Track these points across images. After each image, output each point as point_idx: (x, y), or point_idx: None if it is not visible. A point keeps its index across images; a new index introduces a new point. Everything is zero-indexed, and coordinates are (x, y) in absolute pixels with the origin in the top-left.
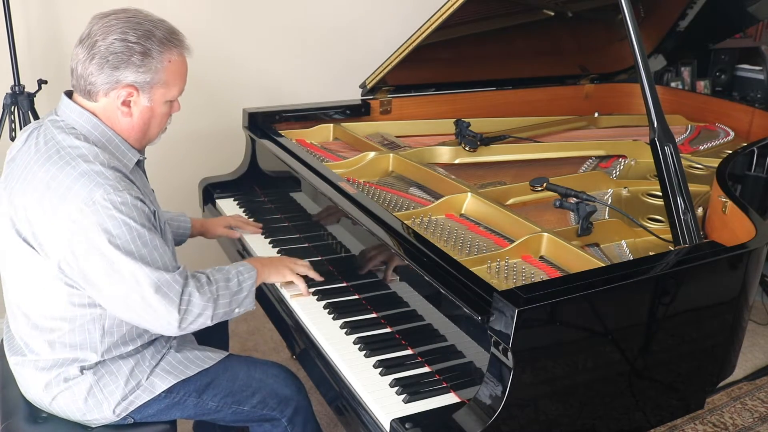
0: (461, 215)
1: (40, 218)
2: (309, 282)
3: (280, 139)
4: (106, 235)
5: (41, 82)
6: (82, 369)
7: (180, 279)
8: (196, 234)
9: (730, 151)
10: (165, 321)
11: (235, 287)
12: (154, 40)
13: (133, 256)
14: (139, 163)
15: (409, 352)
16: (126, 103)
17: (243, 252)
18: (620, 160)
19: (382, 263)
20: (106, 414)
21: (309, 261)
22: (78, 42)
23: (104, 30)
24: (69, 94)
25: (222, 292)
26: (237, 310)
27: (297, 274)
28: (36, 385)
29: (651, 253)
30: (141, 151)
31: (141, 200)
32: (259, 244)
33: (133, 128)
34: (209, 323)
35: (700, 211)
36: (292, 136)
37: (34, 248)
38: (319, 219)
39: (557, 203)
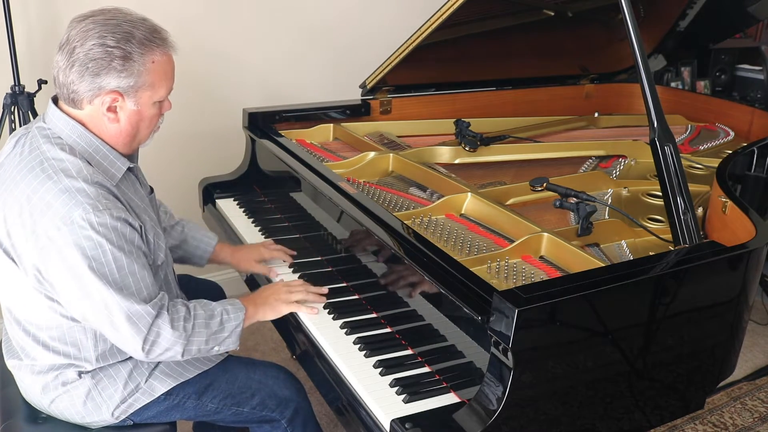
0: (461, 215)
1: (19, 231)
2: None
3: (280, 139)
4: (80, 256)
5: (41, 82)
6: (80, 373)
7: (152, 311)
8: (222, 262)
9: (730, 151)
10: (131, 347)
11: (216, 326)
12: (134, 42)
13: (105, 280)
14: (132, 170)
15: (409, 352)
16: (112, 109)
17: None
18: (620, 160)
19: (385, 266)
20: (105, 417)
21: (308, 261)
22: (58, 48)
23: (82, 35)
24: (56, 100)
25: (199, 329)
26: (216, 349)
27: (295, 302)
28: (34, 389)
29: (651, 253)
30: (132, 158)
31: (123, 220)
32: None
33: (121, 134)
34: (179, 358)
35: (700, 211)
36: (292, 136)
37: (13, 260)
38: (332, 228)
39: (557, 203)
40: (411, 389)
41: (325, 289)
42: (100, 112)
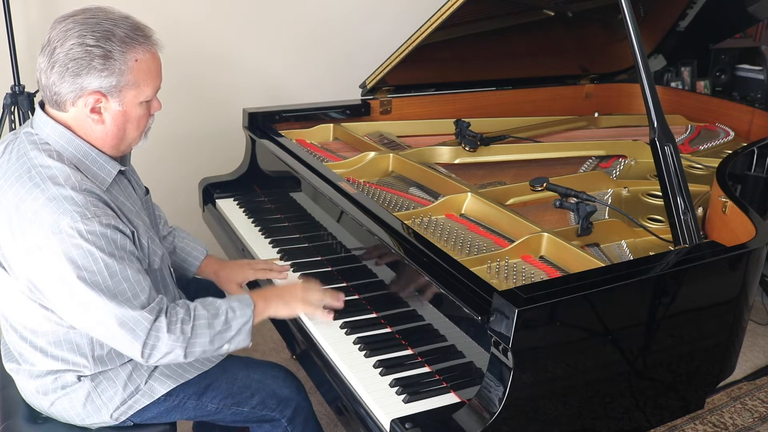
0: (461, 215)
1: (9, 241)
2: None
3: (280, 139)
4: (70, 266)
5: None
6: (80, 377)
7: (149, 315)
8: (206, 277)
9: (730, 151)
10: (130, 353)
11: (221, 325)
12: (114, 40)
13: (98, 289)
14: (123, 173)
15: (409, 352)
16: (96, 111)
17: (244, 253)
18: (620, 160)
19: (383, 264)
20: (105, 419)
21: (308, 261)
22: (40, 50)
23: (62, 35)
24: (43, 105)
25: (201, 330)
26: (226, 347)
27: (311, 305)
28: (33, 392)
29: (651, 253)
30: (123, 160)
31: (113, 227)
32: (259, 244)
33: (107, 135)
34: (183, 360)
35: (700, 211)
36: (292, 136)
37: (4, 268)
38: (321, 220)
39: (557, 203)
40: (411, 389)
41: (341, 296)
42: (84, 114)
